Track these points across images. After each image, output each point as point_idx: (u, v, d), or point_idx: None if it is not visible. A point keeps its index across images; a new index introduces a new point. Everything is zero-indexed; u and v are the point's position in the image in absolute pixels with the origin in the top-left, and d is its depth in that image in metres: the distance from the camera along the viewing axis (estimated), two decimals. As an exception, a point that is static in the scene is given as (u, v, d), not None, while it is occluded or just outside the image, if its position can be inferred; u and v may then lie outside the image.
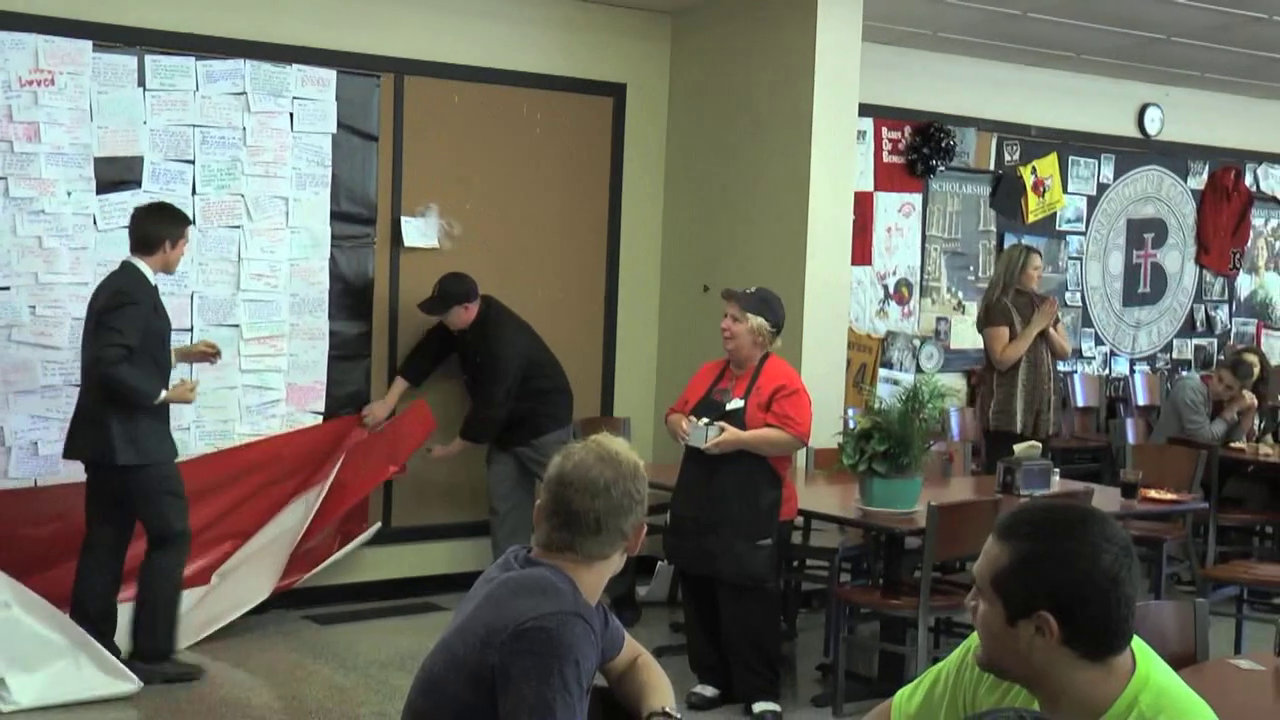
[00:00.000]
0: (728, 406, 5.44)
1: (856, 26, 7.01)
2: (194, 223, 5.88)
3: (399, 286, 7.01)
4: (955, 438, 7.95)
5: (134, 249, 5.62)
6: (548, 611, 2.51)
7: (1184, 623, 3.78)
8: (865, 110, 7.65)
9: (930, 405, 5.63)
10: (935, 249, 8.89)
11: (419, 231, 7.04)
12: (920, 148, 8.62)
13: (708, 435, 5.37)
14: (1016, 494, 5.90)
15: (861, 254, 8.27)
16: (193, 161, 6.40)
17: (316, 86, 6.70)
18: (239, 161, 6.50)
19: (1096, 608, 2.08)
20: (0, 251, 6.01)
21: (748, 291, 5.54)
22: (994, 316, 7.30)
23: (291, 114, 6.64)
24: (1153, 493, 6.41)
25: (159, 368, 5.58)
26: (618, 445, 2.73)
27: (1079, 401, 9.44)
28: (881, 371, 8.64)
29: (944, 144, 8.65)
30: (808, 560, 6.52)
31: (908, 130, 8.66)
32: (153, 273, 5.59)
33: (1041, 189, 9.32)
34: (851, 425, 6.09)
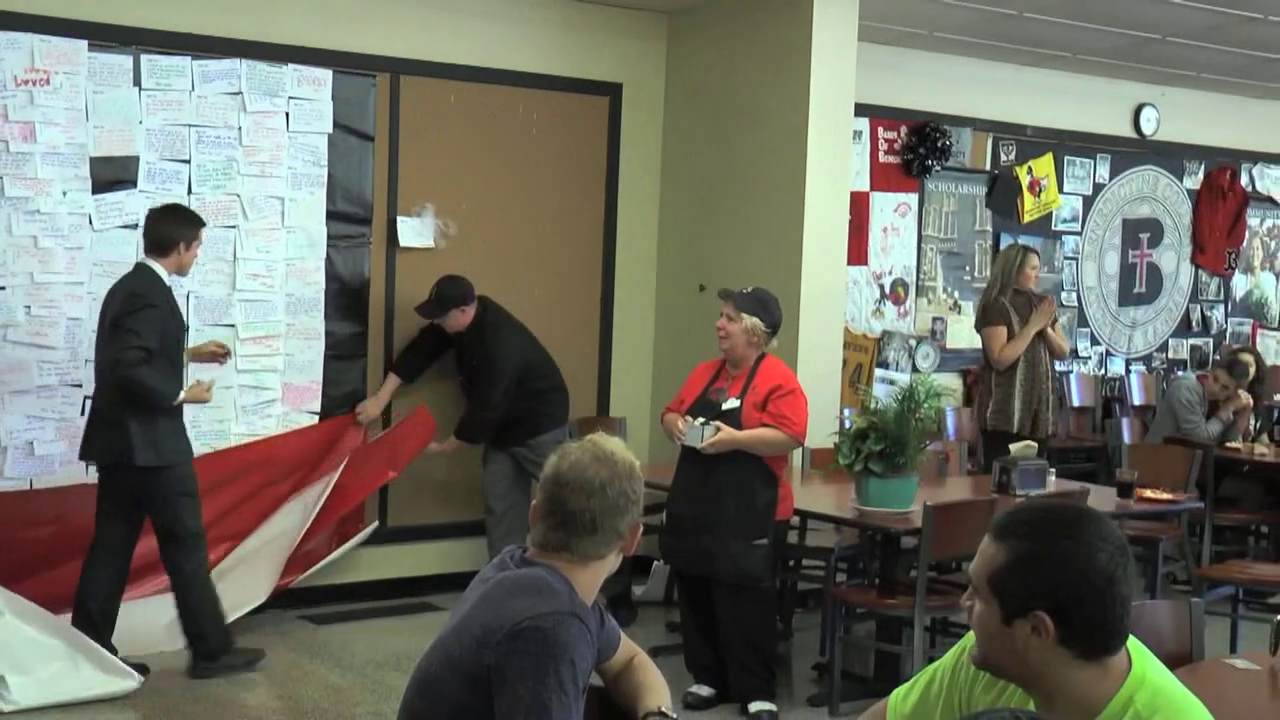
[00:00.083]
0: (724, 406, 5.44)
1: (853, 26, 7.00)
2: (207, 224, 5.85)
3: (395, 286, 7.01)
4: (951, 437, 7.95)
5: (148, 250, 5.60)
6: (543, 611, 2.51)
7: (1179, 622, 3.77)
8: (861, 110, 7.66)
9: (926, 405, 5.62)
10: (931, 249, 8.89)
11: (415, 231, 7.04)
12: (916, 147, 8.63)
13: (704, 435, 5.36)
14: (1012, 494, 5.91)
15: (857, 254, 8.27)
16: (188, 161, 6.39)
17: (312, 86, 6.69)
18: (235, 161, 6.49)
19: (1092, 607, 2.08)
20: (-4, 251, 6.02)
21: (743, 291, 5.53)
22: (992, 316, 7.29)
23: (287, 114, 6.64)
24: (1148, 492, 6.41)
25: (175, 369, 5.57)
26: (614, 445, 2.72)
27: (1075, 401, 9.44)
28: (877, 371, 8.63)
29: (940, 144, 8.65)
30: (804, 560, 6.54)
31: (904, 130, 8.66)
32: (167, 274, 5.57)
33: (1037, 189, 9.32)
34: (847, 425, 6.10)
